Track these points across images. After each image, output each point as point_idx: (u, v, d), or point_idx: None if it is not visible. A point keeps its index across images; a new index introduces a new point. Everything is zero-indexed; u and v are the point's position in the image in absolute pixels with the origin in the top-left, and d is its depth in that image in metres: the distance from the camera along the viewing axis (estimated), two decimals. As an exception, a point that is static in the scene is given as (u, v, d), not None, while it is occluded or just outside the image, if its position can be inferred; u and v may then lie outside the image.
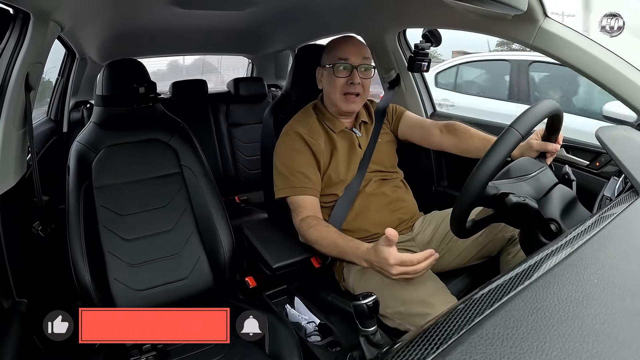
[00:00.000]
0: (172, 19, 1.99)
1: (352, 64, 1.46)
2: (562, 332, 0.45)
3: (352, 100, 1.49)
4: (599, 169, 1.41)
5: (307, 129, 1.50)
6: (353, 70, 1.46)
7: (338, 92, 1.48)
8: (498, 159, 0.93)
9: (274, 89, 3.38)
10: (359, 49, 1.50)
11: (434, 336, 0.45)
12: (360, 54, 1.48)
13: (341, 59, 1.47)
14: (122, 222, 1.41)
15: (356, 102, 1.50)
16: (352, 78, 1.46)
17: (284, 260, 1.36)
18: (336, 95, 1.49)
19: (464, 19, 1.45)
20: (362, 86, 1.48)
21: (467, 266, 1.46)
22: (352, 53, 1.47)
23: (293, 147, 1.47)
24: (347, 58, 1.47)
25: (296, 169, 1.44)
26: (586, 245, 0.63)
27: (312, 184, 1.44)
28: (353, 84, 1.46)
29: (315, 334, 1.36)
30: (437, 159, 1.99)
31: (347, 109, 1.51)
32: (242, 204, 2.77)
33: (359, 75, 1.46)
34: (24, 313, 1.18)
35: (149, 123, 1.55)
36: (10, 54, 1.19)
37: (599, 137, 1.08)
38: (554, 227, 0.97)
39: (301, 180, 1.43)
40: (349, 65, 1.46)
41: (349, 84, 1.46)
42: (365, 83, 1.49)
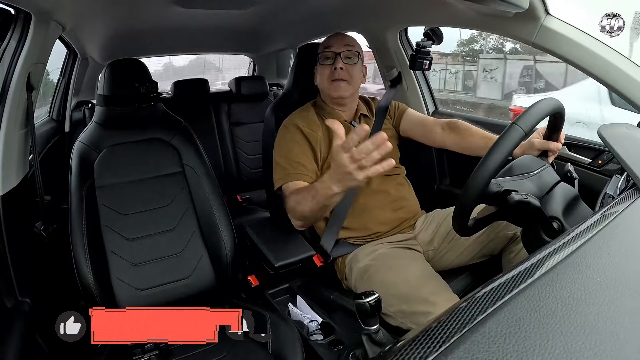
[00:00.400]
0: (174, 19, 2.00)
1: (335, 51, 1.51)
2: (564, 330, 0.45)
3: (338, 85, 1.51)
4: (602, 166, 1.41)
5: (304, 121, 1.52)
6: (336, 57, 1.50)
7: (325, 80, 1.53)
8: (501, 156, 0.93)
9: (276, 87, 3.38)
10: (342, 38, 1.55)
11: (436, 334, 0.45)
12: (342, 42, 1.53)
13: (325, 48, 1.53)
14: (124, 221, 1.42)
15: (343, 87, 1.52)
16: (335, 64, 1.50)
17: (286, 259, 1.37)
18: (324, 83, 1.53)
19: (466, 16, 1.45)
20: (347, 72, 1.51)
21: (469, 264, 1.47)
22: (334, 42, 1.53)
23: (291, 139, 1.49)
24: (329, 46, 1.52)
25: (293, 159, 1.45)
26: (588, 244, 0.63)
27: (307, 171, 1.44)
28: (336, 69, 1.49)
29: (317, 333, 1.37)
30: (439, 157, 1.99)
31: (335, 94, 1.53)
32: (244, 203, 2.77)
33: (342, 61, 1.49)
34: (26, 313, 1.18)
35: (151, 122, 1.55)
36: (12, 54, 1.19)
37: (602, 134, 1.08)
38: (556, 225, 0.96)
39: (296, 168, 1.44)
40: (332, 53, 1.51)
41: (333, 70, 1.50)
42: (350, 70, 1.51)
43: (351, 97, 1.57)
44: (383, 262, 1.36)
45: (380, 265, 1.35)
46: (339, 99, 1.55)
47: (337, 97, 1.53)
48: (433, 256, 1.48)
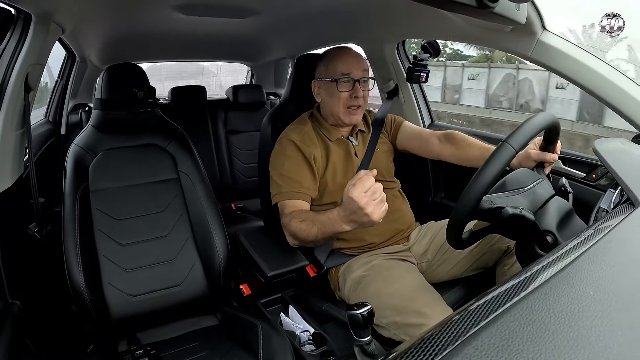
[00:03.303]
0: (173, 25, 2.00)
1: (354, 78, 1.47)
2: (557, 344, 0.45)
3: (354, 112, 1.50)
4: (596, 181, 1.42)
5: (300, 136, 1.50)
6: (355, 84, 1.47)
7: (341, 106, 1.48)
8: (491, 174, 0.93)
9: (273, 97, 3.39)
10: (359, 62, 1.50)
11: (429, 347, 0.45)
12: (361, 67, 1.49)
13: (344, 74, 1.47)
14: (117, 226, 1.41)
15: (358, 114, 1.51)
16: (355, 92, 1.47)
17: (279, 268, 1.36)
18: (339, 108, 1.49)
19: (463, 31, 1.46)
20: (363, 99, 1.49)
21: (462, 277, 1.46)
22: (353, 67, 1.47)
23: (284, 154, 1.48)
24: (349, 72, 1.47)
25: (285, 174, 1.44)
26: (582, 257, 0.63)
27: (301, 188, 1.43)
28: (357, 97, 1.47)
29: (309, 343, 1.36)
30: (434, 169, 1.99)
31: (349, 122, 1.52)
32: (239, 212, 2.76)
33: (360, 89, 1.47)
34: (16, 315, 1.16)
35: (147, 128, 1.55)
36: (11, 55, 1.19)
37: (596, 149, 1.09)
38: (550, 238, 0.97)
39: (291, 186, 1.43)
40: (352, 80, 1.47)
41: (352, 97, 1.47)
42: (365, 95, 1.51)
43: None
44: (377, 273, 1.35)
45: (374, 276, 1.35)
46: (351, 124, 1.55)
47: (351, 123, 1.53)
48: (427, 268, 1.48)
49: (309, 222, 1.29)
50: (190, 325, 1.41)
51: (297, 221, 1.33)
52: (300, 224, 1.31)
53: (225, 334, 1.36)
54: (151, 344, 1.31)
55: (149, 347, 1.27)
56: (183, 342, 1.33)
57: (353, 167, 1.53)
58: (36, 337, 1.24)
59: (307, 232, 1.28)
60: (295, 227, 1.32)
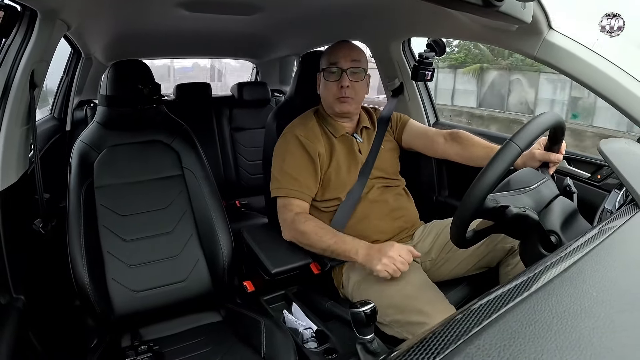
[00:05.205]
0: (179, 22, 2.00)
1: (341, 68, 1.48)
2: (559, 344, 0.45)
3: (344, 101, 1.51)
4: (600, 181, 1.41)
5: (304, 131, 1.51)
6: (342, 73, 1.48)
7: (331, 95, 1.51)
8: (496, 173, 0.92)
9: (278, 94, 3.39)
10: (349, 52, 1.51)
11: (431, 345, 0.45)
12: (349, 57, 1.50)
13: (331, 63, 1.50)
14: (122, 222, 1.41)
15: (348, 103, 1.51)
16: (341, 81, 1.48)
17: (283, 265, 1.36)
18: (330, 98, 1.52)
19: (469, 29, 1.46)
20: (352, 90, 1.50)
21: (466, 276, 1.46)
22: (341, 57, 1.50)
23: (287, 149, 1.49)
24: (336, 62, 1.49)
25: (285, 170, 1.45)
26: (586, 258, 0.63)
27: (300, 187, 1.44)
28: (342, 87, 1.48)
29: (312, 341, 1.36)
30: (438, 168, 1.99)
31: (340, 110, 1.52)
32: (243, 209, 2.76)
33: (348, 78, 1.48)
34: (21, 310, 1.17)
35: (152, 124, 1.56)
36: (16, 51, 1.19)
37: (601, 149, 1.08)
38: (554, 239, 0.96)
39: (289, 182, 1.44)
40: (338, 69, 1.49)
41: (339, 87, 1.49)
42: (356, 86, 1.51)
43: (355, 111, 1.58)
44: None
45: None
46: (343, 114, 1.55)
47: (342, 112, 1.53)
48: (430, 267, 1.47)
49: (328, 231, 1.35)
50: (193, 322, 1.42)
51: (313, 224, 1.37)
52: (317, 229, 1.36)
53: (229, 331, 1.37)
54: (154, 339, 1.32)
55: (152, 342, 1.27)
56: (186, 338, 1.34)
57: (357, 163, 1.53)
58: (40, 332, 1.25)
59: (321, 239, 1.34)
60: (311, 229, 1.36)
